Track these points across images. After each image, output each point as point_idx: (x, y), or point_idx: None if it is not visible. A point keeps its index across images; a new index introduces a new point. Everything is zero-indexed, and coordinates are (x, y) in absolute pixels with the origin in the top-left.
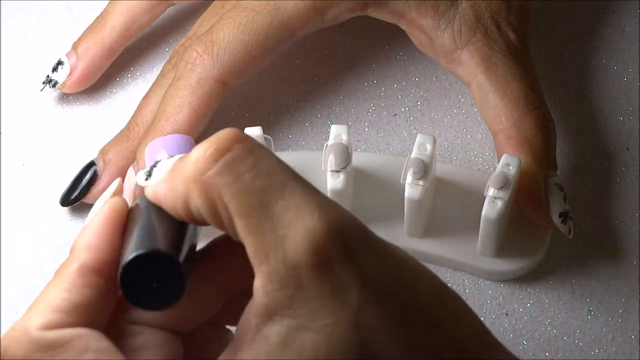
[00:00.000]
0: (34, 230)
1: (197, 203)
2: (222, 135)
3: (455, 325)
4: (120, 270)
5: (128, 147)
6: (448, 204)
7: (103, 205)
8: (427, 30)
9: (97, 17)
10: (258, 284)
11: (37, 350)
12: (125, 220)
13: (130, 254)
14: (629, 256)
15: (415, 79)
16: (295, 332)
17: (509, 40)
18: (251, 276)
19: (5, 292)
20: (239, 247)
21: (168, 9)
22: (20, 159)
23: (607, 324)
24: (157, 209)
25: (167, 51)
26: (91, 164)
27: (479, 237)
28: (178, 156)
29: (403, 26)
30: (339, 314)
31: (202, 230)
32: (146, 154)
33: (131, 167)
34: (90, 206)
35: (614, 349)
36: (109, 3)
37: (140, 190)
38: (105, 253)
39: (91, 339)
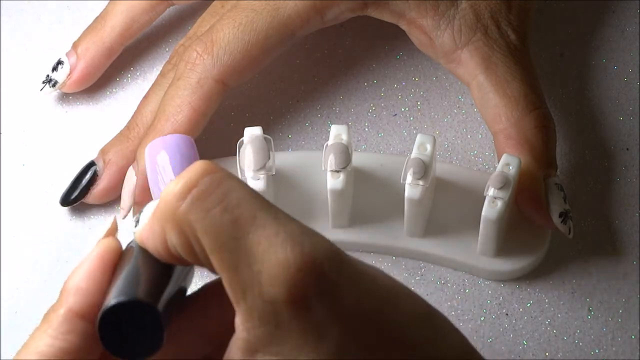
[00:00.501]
0: (34, 230)
1: (174, 241)
2: (191, 169)
3: (442, 346)
4: (98, 317)
5: (128, 147)
6: (448, 204)
7: (95, 246)
8: (427, 30)
9: (97, 17)
10: (238, 320)
11: None
12: (116, 262)
13: (109, 301)
14: (629, 256)
15: (415, 79)
16: None
17: (509, 40)
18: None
19: (5, 292)
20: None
21: (168, 9)
22: (20, 159)
23: (607, 324)
24: (145, 253)
25: (167, 51)
26: (91, 164)
27: (479, 237)
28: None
29: (403, 26)
30: (319, 350)
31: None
32: (146, 154)
33: (131, 167)
34: (90, 206)
35: (614, 349)
36: (108, 3)
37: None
38: (93, 297)
39: None
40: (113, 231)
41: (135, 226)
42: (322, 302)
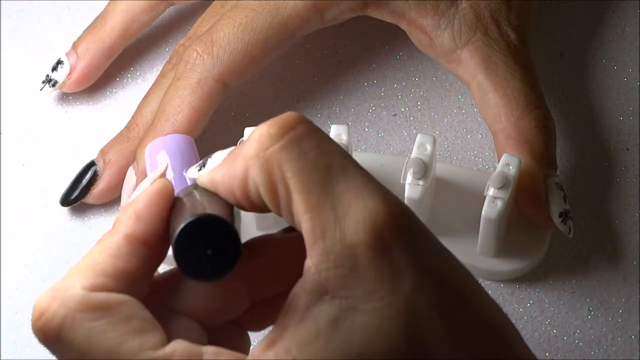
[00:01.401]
0: (34, 230)
1: (257, 180)
2: (286, 115)
3: (504, 333)
4: (174, 236)
5: (128, 147)
6: (448, 204)
7: (153, 182)
8: (427, 30)
9: (97, 17)
10: (310, 262)
11: (81, 310)
12: (171, 200)
13: (184, 220)
14: (629, 256)
15: (415, 79)
16: (346, 313)
17: (509, 40)
18: (283, 283)
19: (5, 292)
20: (275, 251)
21: (168, 9)
22: (20, 159)
23: (607, 324)
24: (205, 194)
25: (167, 51)
26: (91, 164)
27: (479, 237)
28: (231, 148)
29: (403, 26)
30: (391, 297)
31: None
32: (146, 154)
33: (131, 167)
34: (90, 206)
35: (614, 349)
36: (108, 3)
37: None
38: (152, 226)
39: (136, 308)
40: (164, 174)
41: (199, 170)
42: (402, 252)
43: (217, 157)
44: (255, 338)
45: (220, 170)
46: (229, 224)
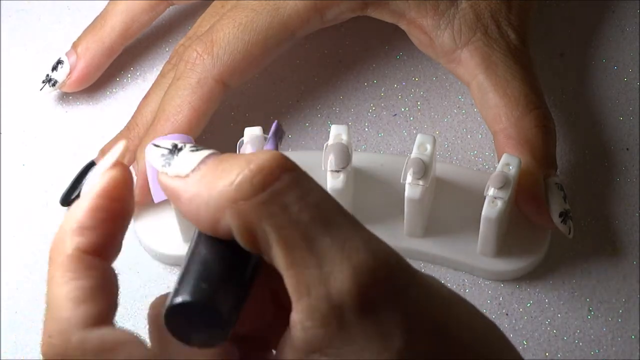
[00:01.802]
0: (34, 230)
1: (230, 224)
2: (270, 160)
3: None
4: (164, 309)
5: (128, 147)
6: (448, 204)
7: (100, 177)
8: (427, 30)
9: (97, 17)
10: (297, 318)
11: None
12: (127, 194)
13: (172, 299)
14: (629, 256)
15: (415, 79)
16: None
17: (509, 40)
18: None
19: (5, 292)
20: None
21: (168, 9)
22: (20, 159)
23: (607, 324)
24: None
25: (167, 51)
26: (91, 164)
27: (479, 237)
28: (206, 152)
29: (403, 26)
30: (382, 355)
31: None
32: (146, 154)
33: (131, 167)
34: None
35: (614, 349)
36: (108, 3)
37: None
38: (101, 237)
39: (134, 347)
40: (121, 158)
41: (163, 164)
42: (389, 309)
43: (186, 161)
44: None
45: (188, 187)
46: (214, 309)
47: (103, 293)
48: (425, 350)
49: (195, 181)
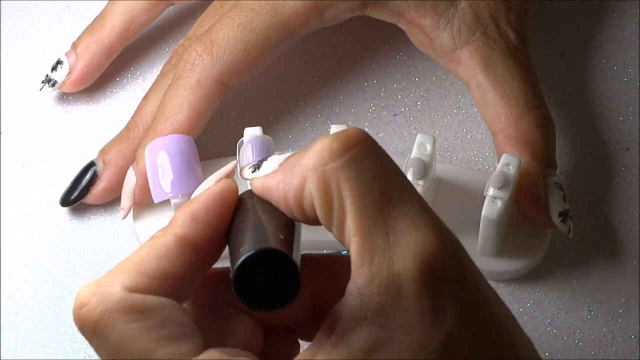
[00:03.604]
0: (34, 230)
1: (313, 193)
2: (350, 131)
3: None
4: (235, 268)
5: (128, 147)
6: (448, 204)
7: (216, 183)
8: (427, 30)
9: (97, 17)
10: (354, 285)
11: (118, 310)
12: (233, 204)
13: (245, 252)
14: (629, 256)
15: (415, 79)
16: (382, 342)
17: (508, 40)
18: (336, 296)
19: (5, 292)
20: (339, 266)
21: (168, 9)
22: (20, 159)
23: (607, 324)
24: (263, 205)
25: (167, 51)
26: (91, 164)
27: (479, 237)
28: (289, 153)
29: (402, 26)
30: (430, 332)
31: None
32: (146, 154)
33: (131, 167)
34: (90, 206)
35: (614, 349)
36: (108, 3)
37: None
38: (208, 230)
39: (174, 312)
40: (232, 174)
41: (253, 172)
42: (448, 288)
43: (273, 162)
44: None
45: (276, 177)
46: (289, 259)
47: (174, 281)
48: (473, 338)
49: (282, 169)
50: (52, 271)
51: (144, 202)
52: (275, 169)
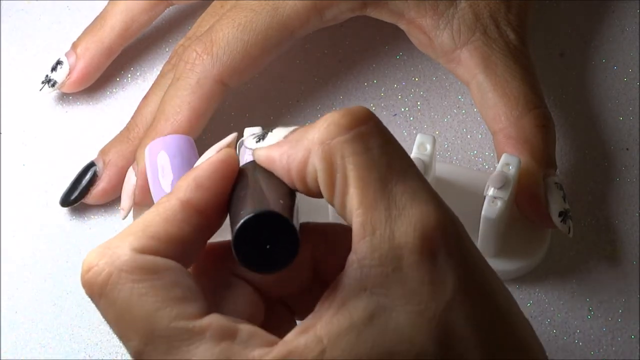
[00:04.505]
0: (34, 230)
1: (317, 166)
2: (357, 109)
3: (537, 349)
4: (235, 229)
5: (128, 147)
6: (448, 204)
7: (219, 151)
8: (427, 30)
9: (97, 17)
10: (355, 257)
11: (127, 270)
12: (235, 172)
13: (245, 214)
14: (629, 256)
15: (415, 79)
16: (382, 311)
17: (508, 40)
18: (335, 269)
19: (5, 292)
20: (340, 237)
21: (168, 9)
22: (20, 159)
23: (607, 324)
24: (265, 175)
25: (167, 51)
26: (91, 164)
27: (479, 237)
28: (293, 127)
29: (402, 26)
30: (429, 303)
31: None
32: (146, 154)
33: (131, 167)
34: (90, 206)
35: (614, 349)
36: (108, 3)
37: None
38: (211, 195)
39: (180, 275)
40: (232, 144)
41: (257, 142)
42: (447, 260)
43: (278, 134)
44: None
45: (281, 148)
46: (289, 222)
47: (180, 244)
48: (472, 310)
49: (287, 141)
50: (52, 271)
51: (144, 203)
52: (281, 140)
